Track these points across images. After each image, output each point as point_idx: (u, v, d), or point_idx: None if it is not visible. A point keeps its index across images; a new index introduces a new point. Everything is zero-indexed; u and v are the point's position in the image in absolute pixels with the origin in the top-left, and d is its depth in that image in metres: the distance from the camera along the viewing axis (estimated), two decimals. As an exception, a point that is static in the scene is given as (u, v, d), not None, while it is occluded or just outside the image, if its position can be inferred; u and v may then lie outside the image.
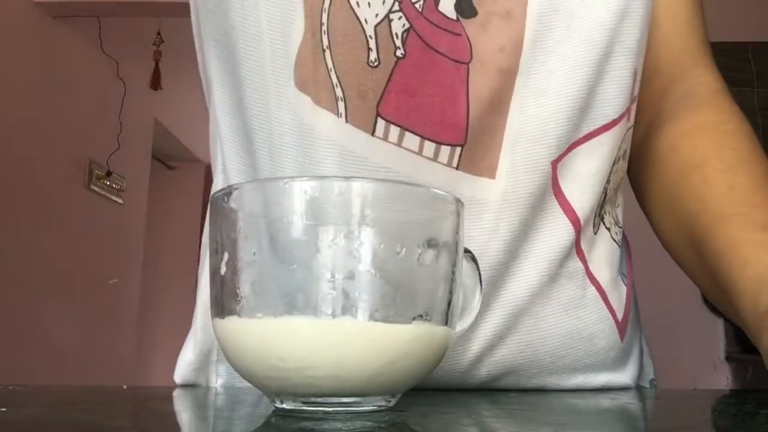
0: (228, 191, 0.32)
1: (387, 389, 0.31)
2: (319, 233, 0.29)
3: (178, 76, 3.31)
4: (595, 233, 0.48)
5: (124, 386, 0.47)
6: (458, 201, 0.33)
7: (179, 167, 4.08)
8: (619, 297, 0.49)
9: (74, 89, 2.64)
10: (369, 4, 0.40)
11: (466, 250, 0.35)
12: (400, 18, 0.40)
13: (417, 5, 0.40)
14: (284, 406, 0.31)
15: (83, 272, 2.72)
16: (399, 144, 0.41)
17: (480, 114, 0.42)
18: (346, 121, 0.40)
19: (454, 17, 0.41)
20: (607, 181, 0.47)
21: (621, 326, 0.49)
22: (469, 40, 0.41)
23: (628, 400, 0.43)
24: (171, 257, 3.99)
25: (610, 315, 0.48)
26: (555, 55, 0.43)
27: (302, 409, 0.30)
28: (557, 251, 0.45)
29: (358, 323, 0.29)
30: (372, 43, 0.40)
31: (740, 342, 2.04)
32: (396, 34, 0.40)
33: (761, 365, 0.41)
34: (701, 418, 0.36)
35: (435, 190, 0.33)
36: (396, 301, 0.30)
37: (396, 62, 0.40)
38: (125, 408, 0.36)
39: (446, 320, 0.32)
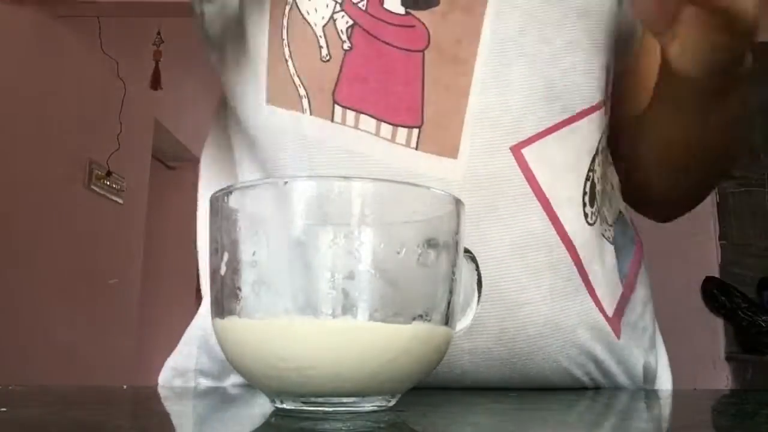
0: (228, 191, 0.32)
1: (387, 389, 0.31)
2: (319, 233, 0.29)
3: (178, 76, 3.30)
4: (591, 224, 0.48)
5: (124, 386, 0.47)
6: (458, 201, 0.33)
7: (179, 167, 4.07)
8: (611, 293, 0.49)
9: (74, 89, 2.64)
10: (316, 9, 0.45)
11: (466, 250, 0.35)
12: (343, 16, 0.45)
13: (360, 5, 0.45)
14: (284, 406, 0.31)
15: (83, 272, 2.71)
16: (356, 126, 0.44)
17: (436, 98, 0.44)
18: (311, 114, 0.45)
19: (403, 12, 0.45)
20: (589, 173, 0.48)
21: (613, 323, 0.48)
22: (427, 29, 0.45)
23: (628, 400, 0.43)
24: (171, 257, 3.98)
25: (597, 308, 0.47)
26: (513, 47, 0.45)
27: (302, 409, 0.30)
28: (532, 237, 0.45)
29: (358, 323, 0.29)
30: (322, 41, 0.45)
31: (740, 342, 2.05)
32: (341, 30, 0.45)
33: (761, 365, 0.41)
34: (701, 418, 0.36)
35: (435, 190, 0.33)
36: (396, 301, 0.30)
37: (344, 54, 0.45)
38: (125, 408, 0.36)
39: (446, 320, 0.32)
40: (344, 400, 0.30)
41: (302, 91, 0.46)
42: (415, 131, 0.44)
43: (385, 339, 0.29)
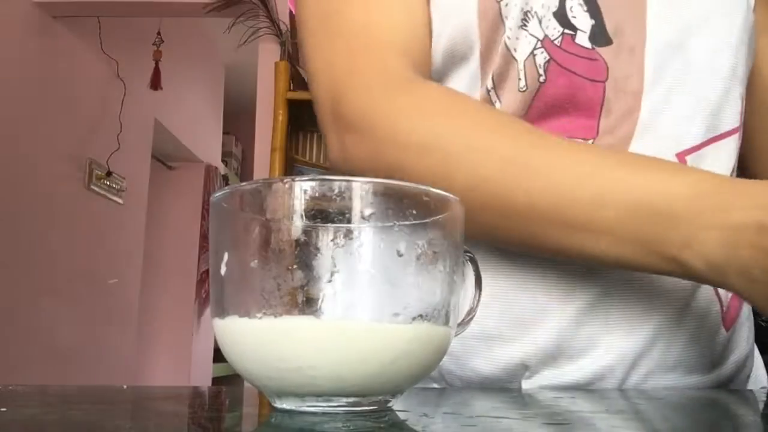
0: (228, 192, 0.32)
1: (387, 389, 0.31)
2: (319, 233, 0.29)
3: (178, 76, 3.31)
4: None
5: (124, 386, 0.47)
6: (458, 201, 0.33)
7: (179, 167, 4.07)
8: (725, 293, 0.53)
9: (74, 89, 2.64)
10: (522, 47, 0.51)
11: (466, 251, 0.35)
12: (542, 52, 0.51)
13: (556, 41, 0.51)
14: (284, 406, 0.31)
15: (83, 272, 2.71)
16: None
17: (610, 120, 0.51)
18: None
19: (590, 47, 0.51)
20: None
21: (726, 316, 0.53)
22: (606, 63, 0.51)
23: (628, 400, 0.43)
24: (171, 257, 3.98)
25: (717, 299, 0.52)
26: (671, 79, 0.52)
27: (302, 409, 0.30)
28: None
29: (358, 323, 0.29)
30: (522, 74, 0.51)
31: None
32: (539, 65, 0.51)
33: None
34: (701, 418, 0.36)
35: (435, 190, 0.33)
36: (396, 301, 0.30)
37: (540, 86, 0.51)
38: (125, 408, 0.36)
39: (446, 320, 0.32)
40: (344, 400, 0.30)
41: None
42: (590, 141, 0.51)
43: (385, 339, 0.29)
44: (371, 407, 0.31)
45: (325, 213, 0.30)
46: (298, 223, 0.30)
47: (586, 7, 0.52)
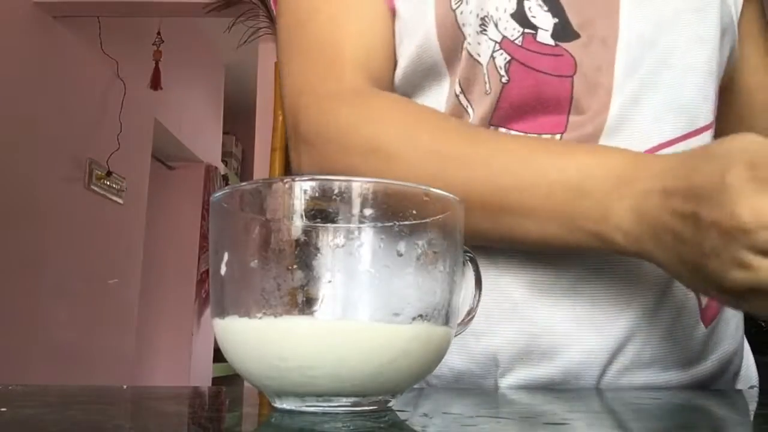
0: (228, 192, 0.32)
1: (387, 389, 0.31)
2: (319, 233, 0.29)
3: (178, 76, 3.31)
4: None
5: (124, 386, 0.47)
6: (458, 201, 0.33)
7: (179, 167, 4.07)
8: None
9: (74, 89, 2.64)
10: (483, 52, 0.52)
11: (466, 251, 0.35)
12: (501, 53, 0.52)
13: (516, 41, 0.52)
14: (284, 406, 0.31)
15: (83, 272, 2.71)
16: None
17: (579, 114, 0.52)
18: None
19: (553, 44, 0.52)
20: None
21: (704, 313, 0.53)
22: (573, 58, 0.52)
23: (628, 400, 0.43)
24: (171, 257, 3.98)
25: (693, 295, 0.52)
26: (639, 72, 0.52)
27: (302, 409, 0.30)
28: None
29: (358, 323, 0.29)
30: (486, 77, 0.53)
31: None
32: (499, 66, 0.52)
33: (761, 365, 0.41)
34: (701, 418, 0.36)
35: (435, 190, 0.33)
36: (396, 301, 0.30)
37: (503, 86, 0.52)
38: (125, 408, 0.36)
39: (446, 320, 0.32)
40: (344, 400, 0.30)
41: (471, 119, 0.53)
42: (558, 136, 0.52)
43: (385, 339, 0.29)
44: (371, 407, 0.31)
45: (325, 213, 0.30)
46: (298, 223, 0.30)
47: (547, 7, 0.52)
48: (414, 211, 0.31)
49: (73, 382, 2.51)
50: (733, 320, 0.58)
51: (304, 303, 0.29)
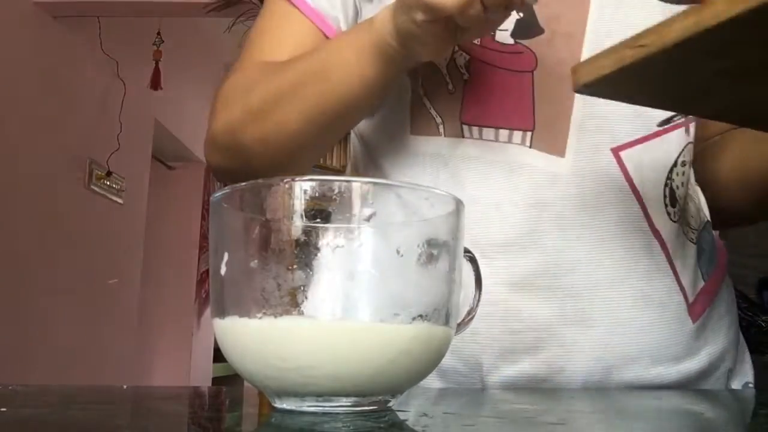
0: (228, 192, 0.32)
1: (387, 389, 0.31)
2: (319, 233, 0.29)
3: (178, 76, 3.30)
4: (674, 221, 0.55)
5: (124, 386, 0.47)
6: (458, 201, 0.33)
7: (179, 167, 4.07)
8: (692, 283, 0.56)
9: (74, 89, 2.64)
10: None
11: (466, 251, 0.35)
12: (461, 54, 0.55)
13: (474, 41, 0.54)
14: (284, 406, 0.31)
15: (83, 272, 2.71)
16: (480, 138, 0.55)
17: (545, 108, 0.54)
18: (444, 136, 0.56)
19: (512, 42, 0.54)
20: (668, 180, 0.56)
21: (692, 309, 0.54)
22: (534, 53, 0.54)
23: (628, 400, 0.43)
24: (171, 257, 3.98)
25: (679, 290, 0.54)
26: None
27: (302, 409, 0.30)
28: (630, 223, 0.53)
29: (358, 323, 0.29)
30: (447, 78, 0.56)
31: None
32: (460, 65, 0.55)
33: (761, 365, 0.41)
34: (701, 418, 0.36)
35: (435, 190, 0.33)
36: (396, 301, 0.30)
37: (464, 84, 0.55)
38: (125, 408, 0.37)
39: (446, 320, 0.32)
40: (344, 400, 0.30)
41: (438, 120, 0.56)
42: (529, 133, 0.54)
43: (386, 339, 0.29)
44: (371, 407, 0.31)
45: (325, 213, 0.30)
46: (298, 223, 0.30)
47: None
48: (414, 211, 0.31)
49: (73, 382, 2.51)
50: (725, 317, 0.58)
51: (304, 303, 0.29)
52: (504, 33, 0.55)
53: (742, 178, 0.61)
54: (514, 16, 0.54)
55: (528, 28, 0.54)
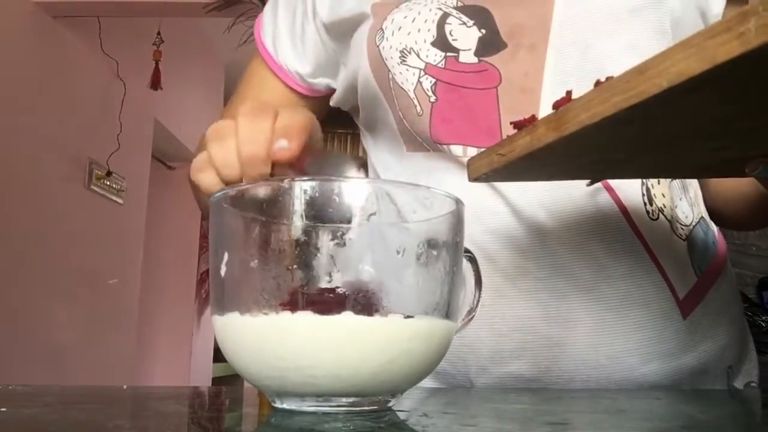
0: (228, 192, 0.32)
1: (387, 389, 0.31)
2: (319, 233, 0.29)
3: (178, 76, 3.30)
4: (654, 220, 0.56)
5: (124, 386, 0.47)
6: (458, 201, 0.33)
7: (179, 167, 4.07)
8: (682, 279, 0.55)
9: (74, 89, 2.64)
10: (407, 79, 0.57)
11: (466, 250, 0.35)
12: (427, 78, 0.56)
13: (439, 65, 0.56)
14: (284, 406, 0.31)
15: (83, 272, 2.71)
16: (449, 153, 0.56)
17: (511, 120, 0.53)
18: (406, 151, 0.60)
19: (476, 61, 0.55)
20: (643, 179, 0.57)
21: (682, 305, 0.54)
22: (498, 70, 0.55)
23: (628, 400, 0.43)
24: (171, 257, 3.98)
25: (667, 287, 0.54)
26: (573, 77, 0.54)
27: (302, 409, 0.30)
28: (607, 224, 0.53)
29: (358, 323, 0.29)
30: (415, 101, 0.57)
31: (740, 342, 2.03)
32: (427, 89, 0.57)
33: (761, 365, 0.41)
34: (701, 418, 0.36)
35: (435, 190, 0.33)
36: (396, 300, 0.30)
37: (432, 105, 0.56)
38: (125, 408, 0.37)
39: (446, 320, 0.32)
40: (344, 400, 0.30)
41: (419, 139, 0.58)
42: None
43: (386, 339, 0.29)
44: (371, 407, 0.31)
45: (325, 213, 0.30)
46: (298, 223, 0.30)
47: (473, 21, 0.56)
48: (414, 211, 0.31)
49: (73, 382, 2.50)
50: (726, 314, 0.58)
51: (304, 302, 0.29)
52: (467, 53, 0.56)
53: (724, 198, 0.63)
54: (476, 34, 0.55)
55: (490, 45, 0.55)
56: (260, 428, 0.29)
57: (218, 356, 4.10)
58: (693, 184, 0.63)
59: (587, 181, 0.50)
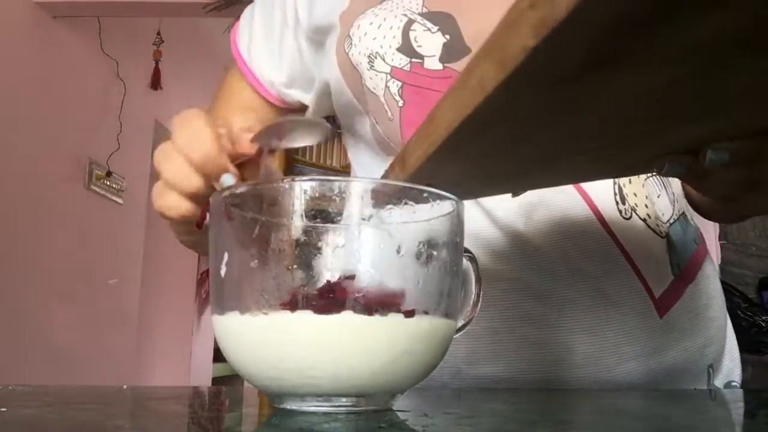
0: (229, 192, 0.32)
1: (388, 389, 0.31)
2: (319, 233, 0.29)
3: (178, 76, 3.30)
4: (627, 219, 0.56)
5: (124, 386, 0.47)
6: (458, 201, 0.33)
7: (179, 167, 4.07)
8: (658, 277, 0.55)
9: (74, 89, 2.64)
10: (377, 84, 0.57)
11: (466, 250, 0.35)
12: (393, 81, 0.56)
13: (404, 68, 0.56)
14: (284, 406, 0.31)
15: (83, 272, 2.71)
16: None
17: None
18: (384, 155, 0.60)
19: (441, 67, 0.55)
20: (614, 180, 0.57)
21: (659, 303, 0.54)
22: None
23: (628, 400, 0.43)
24: (171, 257, 3.98)
25: (642, 286, 0.54)
26: None
27: (302, 409, 0.30)
28: (581, 225, 0.54)
29: (359, 323, 0.29)
30: (386, 106, 0.57)
31: (740, 342, 2.03)
32: (394, 93, 0.56)
33: (761, 365, 0.41)
34: (701, 418, 0.36)
35: (435, 190, 0.33)
36: (396, 301, 0.30)
37: (400, 110, 0.56)
38: (125, 408, 0.37)
39: (446, 319, 0.32)
40: (344, 400, 0.30)
41: (392, 144, 0.58)
42: None
43: (386, 339, 0.29)
44: (371, 407, 0.31)
45: (325, 213, 0.30)
46: (298, 223, 0.30)
47: (437, 27, 0.55)
48: (414, 211, 0.31)
49: (73, 382, 2.50)
50: (707, 311, 0.58)
51: (305, 302, 0.29)
52: (432, 59, 0.56)
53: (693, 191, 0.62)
54: (441, 40, 0.55)
55: (455, 50, 0.55)
56: (260, 428, 0.29)
57: (218, 356, 4.09)
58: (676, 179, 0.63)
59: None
